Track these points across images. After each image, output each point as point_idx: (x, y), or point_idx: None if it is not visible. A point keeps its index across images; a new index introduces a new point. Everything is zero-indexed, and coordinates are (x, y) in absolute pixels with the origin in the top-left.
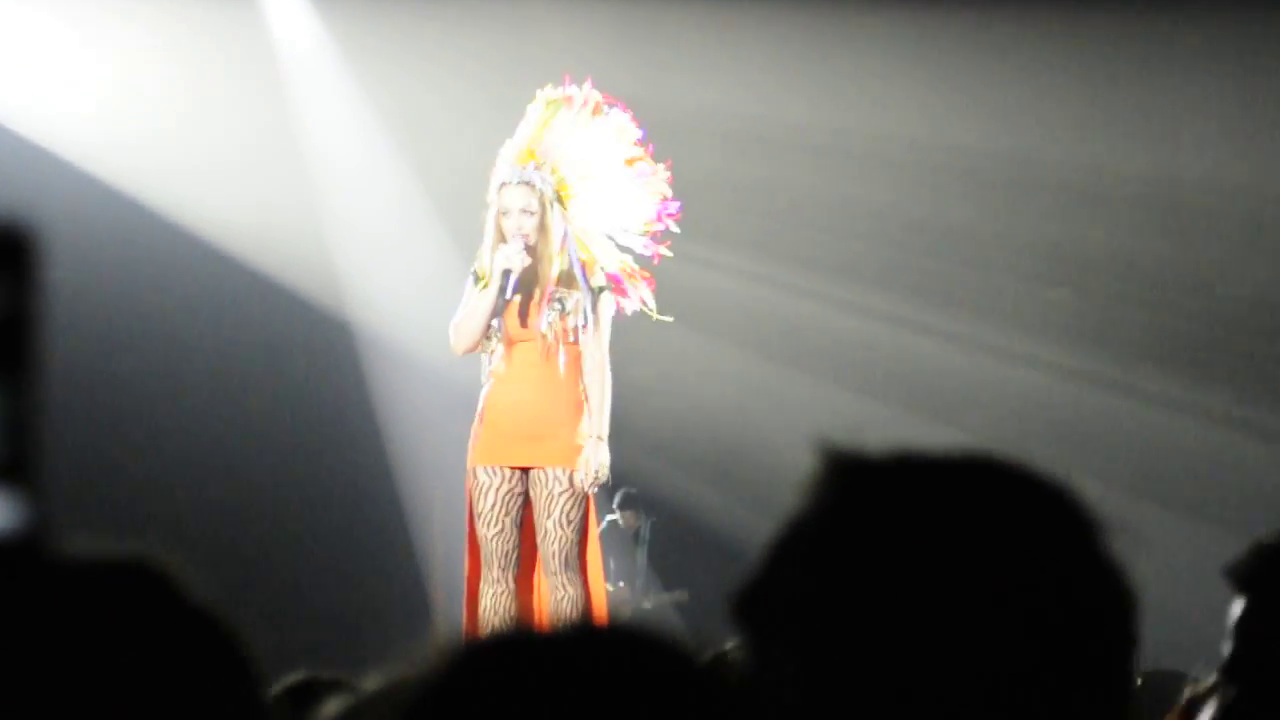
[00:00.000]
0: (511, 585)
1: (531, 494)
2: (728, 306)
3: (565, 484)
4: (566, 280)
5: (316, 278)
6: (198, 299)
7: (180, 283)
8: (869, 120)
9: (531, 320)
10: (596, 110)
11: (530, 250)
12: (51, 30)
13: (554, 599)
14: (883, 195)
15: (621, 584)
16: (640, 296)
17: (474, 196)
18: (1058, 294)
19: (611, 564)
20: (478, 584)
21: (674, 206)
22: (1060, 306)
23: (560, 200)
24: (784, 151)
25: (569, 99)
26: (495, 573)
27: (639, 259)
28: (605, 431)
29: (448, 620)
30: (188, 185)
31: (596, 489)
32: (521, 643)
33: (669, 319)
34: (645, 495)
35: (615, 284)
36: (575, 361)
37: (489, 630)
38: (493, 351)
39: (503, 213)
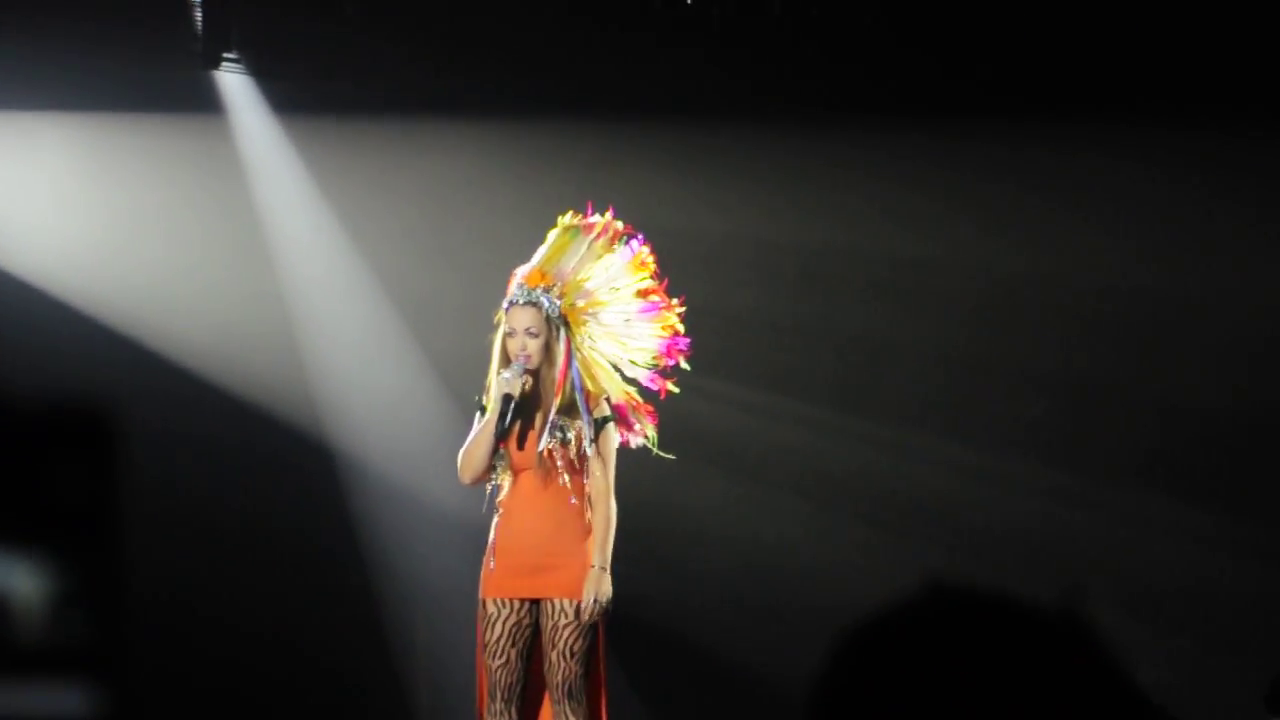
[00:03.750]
0: (514, 717)
1: (540, 624)
2: (728, 438)
3: (570, 615)
4: (568, 410)
5: (293, 402)
6: (171, 424)
7: (152, 407)
8: (885, 247)
9: (531, 446)
10: (615, 239)
11: (534, 373)
12: (21, 162)
13: None
14: (886, 323)
15: None
16: (643, 430)
17: (450, 320)
18: (1038, 408)
19: None
20: (484, 716)
21: (684, 343)
22: (1061, 427)
23: (568, 325)
24: (799, 280)
25: (588, 226)
26: (499, 705)
27: (643, 392)
28: (607, 562)
29: None
30: (159, 311)
31: (598, 620)
32: None
33: (670, 456)
34: (644, 624)
35: (620, 414)
36: (580, 490)
37: None
38: (501, 485)
39: (508, 333)
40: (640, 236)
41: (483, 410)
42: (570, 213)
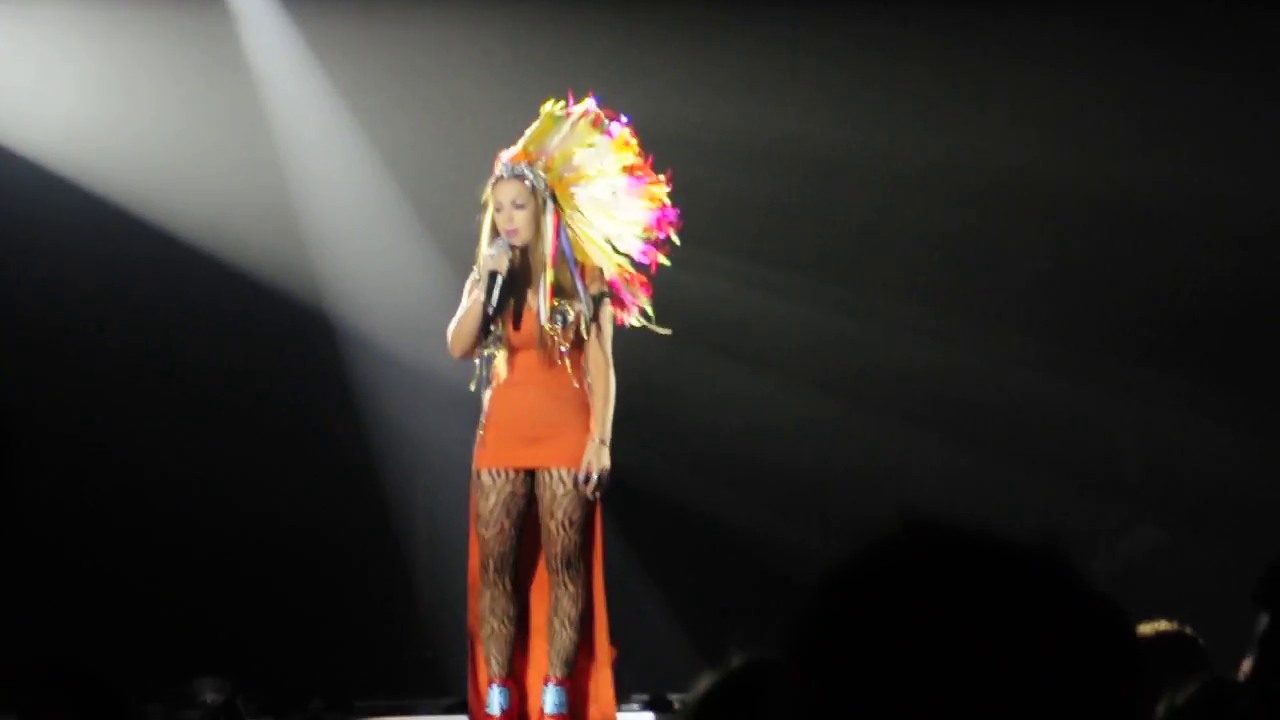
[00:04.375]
0: (508, 587)
1: (536, 495)
2: (720, 311)
3: (569, 486)
4: (566, 290)
5: (294, 274)
6: (174, 298)
7: (155, 281)
8: (864, 133)
9: (527, 324)
10: (598, 123)
11: (524, 250)
12: (19, 37)
13: (553, 596)
14: (874, 204)
15: None
16: (638, 305)
17: (449, 191)
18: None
19: None
20: (479, 585)
21: (673, 215)
22: (1040, 306)
23: (555, 199)
24: (778, 163)
25: (569, 113)
26: (491, 575)
27: (636, 265)
28: (607, 436)
29: (433, 620)
30: (160, 185)
31: (597, 494)
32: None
33: (667, 331)
34: (642, 495)
35: (614, 290)
36: (578, 365)
37: (488, 631)
38: (490, 355)
39: (496, 208)
40: (623, 118)
41: (477, 281)
42: (552, 100)
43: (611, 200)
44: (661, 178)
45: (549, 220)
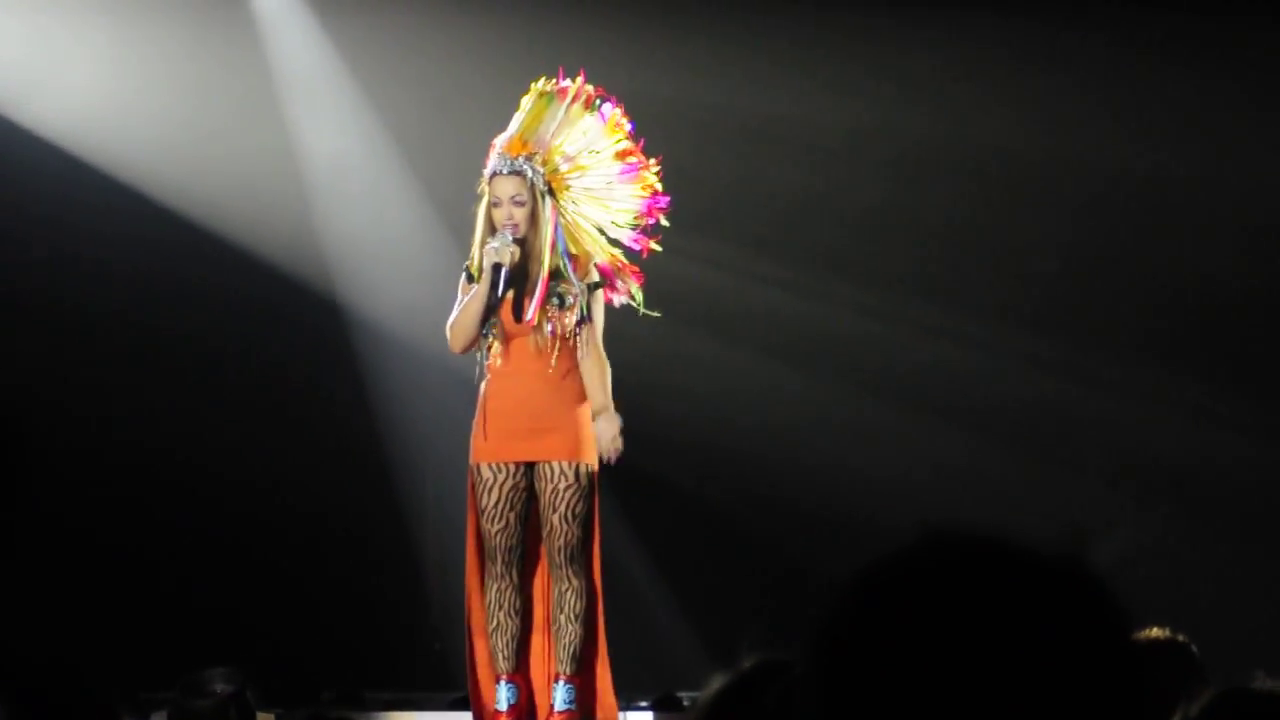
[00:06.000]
0: (515, 580)
1: (536, 488)
2: (712, 299)
3: (570, 478)
4: (557, 276)
5: (305, 260)
6: (185, 281)
7: (166, 264)
8: (860, 117)
9: (526, 316)
10: (589, 103)
11: (521, 242)
12: (35, 18)
13: (557, 591)
14: (870, 191)
15: None
16: (628, 289)
17: (461, 179)
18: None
19: None
20: (478, 579)
21: (664, 201)
22: (1046, 300)
23: (552, 192)
24: (774, 147)
25: (562, 91)
26: (499, 568)
27: (627, 253)
28: (610, 403)
29: (443, 612)
30: (172, 168)
31: (613, 459)
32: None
33: (656, 314)
34: (652, 491)
35: (605, 276)
36: (572, 356)
37: (495, 625)
38: (490, 348)
39: (494, 204)
40: (613, 100)
41: (470, 279)
42: (543, 79)
43: (606, 190)
44: (653, 163)
45: (547, 215)
